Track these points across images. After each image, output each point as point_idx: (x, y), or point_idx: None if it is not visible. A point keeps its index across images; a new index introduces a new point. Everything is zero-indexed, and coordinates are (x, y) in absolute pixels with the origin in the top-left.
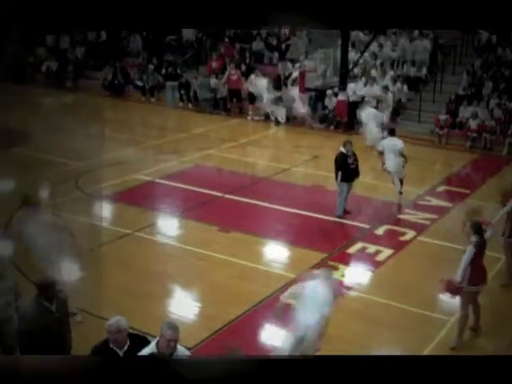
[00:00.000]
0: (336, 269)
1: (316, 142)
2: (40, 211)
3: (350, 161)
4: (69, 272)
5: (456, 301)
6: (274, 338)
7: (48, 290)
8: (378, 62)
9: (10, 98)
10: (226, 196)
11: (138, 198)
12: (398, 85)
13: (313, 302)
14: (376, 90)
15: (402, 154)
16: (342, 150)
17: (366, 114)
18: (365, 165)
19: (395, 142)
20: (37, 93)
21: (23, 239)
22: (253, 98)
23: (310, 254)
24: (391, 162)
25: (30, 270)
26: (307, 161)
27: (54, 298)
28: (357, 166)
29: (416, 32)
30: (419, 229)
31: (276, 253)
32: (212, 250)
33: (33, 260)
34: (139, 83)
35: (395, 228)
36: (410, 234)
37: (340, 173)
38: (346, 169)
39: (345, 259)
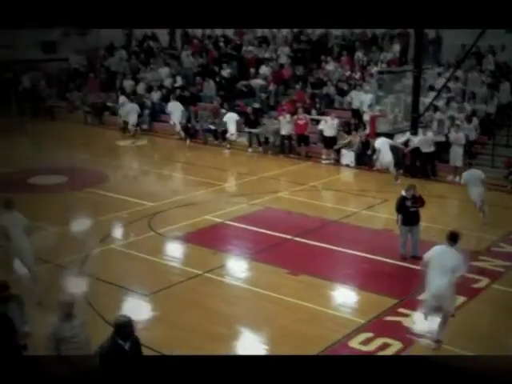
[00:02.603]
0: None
1: (385, 185)
2: None
3: (408, 204)
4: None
5: None
6: None
7: (123, 329)
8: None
9: (88, 140)
10: (295, 239)
11: (209, 239)
12: (466, 125)
13: (441, 265)
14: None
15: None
16: (403, 193)
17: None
18: (438, 211)
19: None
20: (114, 135)
21: None
22: (327, 141)
23: (380, 300)
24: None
25: (103, 307)
26: (377, 204)
27: (128, 337)
28: (417, 210)
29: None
30: (493, 276)
31: (345, 297)
32: (280, 293)
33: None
34: (212, 127)
35: (468, 275)
36: (484, 281)
37: (400, 216)
38: (405, 212)
39: (416, 306)
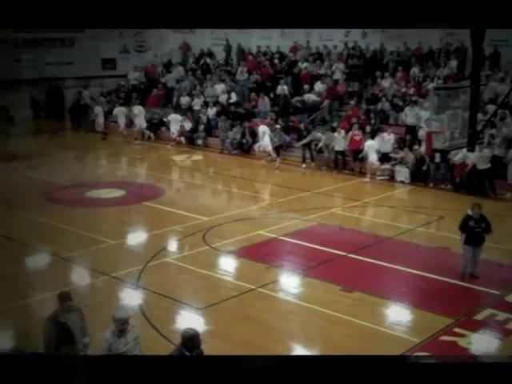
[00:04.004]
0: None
1: (441, 202)
2: None
3: (471, 224)
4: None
5: None
6: None
7: (191, 341)
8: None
9: (144, 154)
10: (349, 255)
11: (262, 254)
12: None
13: None
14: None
15: None
16: (469, 212)
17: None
18: (498, 230)
19: None
20: (170, 150)
21: None
22: (383, 157)
23: (435, 319)
24: None
25: (157, 320)
26: (433, 221)
27: (194, 349)
28: (482, 230)
29: None
30: None
31: (400, 315)
32: (333, 310)
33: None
34: None
35: None
36: None
37: (464, 235)
38: (470, 232)
39: (472, 326)
